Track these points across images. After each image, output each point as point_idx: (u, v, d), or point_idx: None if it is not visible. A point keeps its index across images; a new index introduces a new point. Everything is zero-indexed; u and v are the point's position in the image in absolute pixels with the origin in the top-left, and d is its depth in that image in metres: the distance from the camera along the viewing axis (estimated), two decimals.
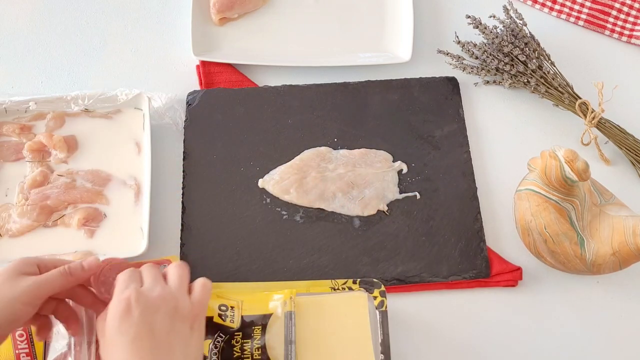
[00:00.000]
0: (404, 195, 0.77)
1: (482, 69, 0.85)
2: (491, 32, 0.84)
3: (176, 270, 0.57)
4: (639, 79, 0.87)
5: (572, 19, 0.91)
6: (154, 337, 0.52)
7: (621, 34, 0.90)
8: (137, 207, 0.76)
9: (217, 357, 0.64)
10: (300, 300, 0.64)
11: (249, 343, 0.65)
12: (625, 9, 0.91)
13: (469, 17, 0.85)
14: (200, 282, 0.58)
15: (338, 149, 0.80)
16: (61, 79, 0.87)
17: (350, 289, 0.68)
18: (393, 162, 0.79)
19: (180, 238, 0.75)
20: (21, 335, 0.69)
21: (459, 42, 0.86)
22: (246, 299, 0.68)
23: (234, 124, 0.82)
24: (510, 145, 0.82)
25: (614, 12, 0.91)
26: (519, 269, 0.74)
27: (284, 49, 0.88)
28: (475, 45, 0.85)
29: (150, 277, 0.56)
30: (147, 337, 0.51)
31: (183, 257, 0.74)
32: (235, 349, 0.65)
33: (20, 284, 0.53)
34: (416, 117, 0.82)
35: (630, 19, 0.91)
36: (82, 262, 0.57)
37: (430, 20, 0.91)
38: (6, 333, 0.53)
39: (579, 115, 0.80)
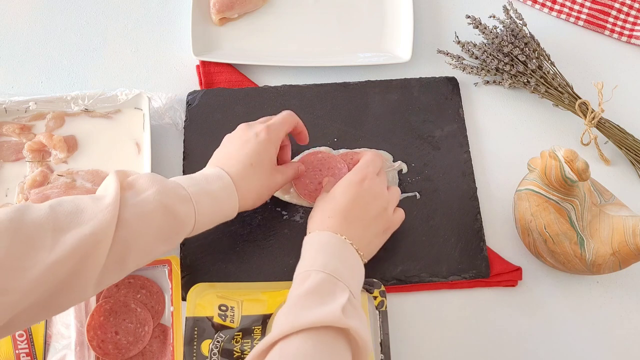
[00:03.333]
0: (404, 195, 0.77)
1: (482, 69, 0.85)
2: (491, 32, 0.84)
3: (382, 175, 0.71)
4: (639, 79, 0.87)
5: (572, 19, 0.91)
6: (363, 205, 0.65)
7: (621, 34, 0.90)
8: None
9: (217, 357, 0.64)
10: None
11: (249, 343, 0.65)
12: (625, 9, 0.91)
13: (469, 17, 0.85)
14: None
15: (338, 149, 0.80)
16: (61, 79, 0.87)
17: None
18: (393, 162, 0.79)
19: None
20: (21, 335, 0.69)
21: (459, 42, 0.86)
22: (246, 299, 0.68)
23: (234, 124, 0.82)
24: (510, 145, 0.82)
25: (614, 12, 0.91)
26: (518, 269, 0.74)
27: (284, 49, 0.88)
28: (475, 45, 0.85)
29: (382, 175, 0.70)
30: (357, 201, 0.65)
31: (183, 257, 0.74)
32: (235, 349, 0.65)
33: (274, 180, 0.69)
34: (416, 117, 0.83)
35: (630, 19, 0.91)
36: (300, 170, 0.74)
37: (430, 20, 0.91)
38: (247, 209, 0.68)
39: (579, 115, 0.80)
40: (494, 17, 0.86)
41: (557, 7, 0.92)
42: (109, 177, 0.59)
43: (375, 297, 0.69)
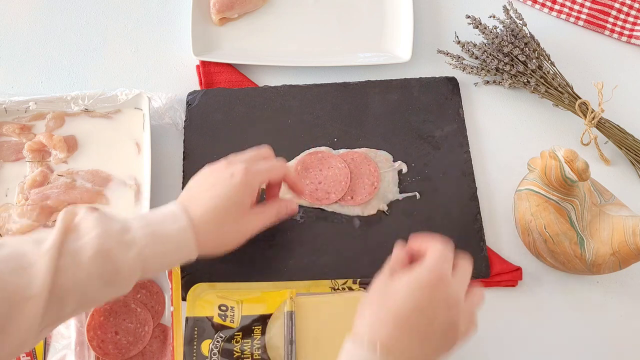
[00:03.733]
0: (404, 195, 0.77)
1: (482, 69, 0.85)
2: (491, 32, 0.84)
3: (467, 268, 0.58)
4: (639, 79, 0.87)
5: (572, 19, 0.91)
6: (428, 327, 0.52)
7: (621, 34, 0.90)
8: (137, 207, 0.76)
9: (217, 357, 0.64)
10: (300, 300, 0.64)
11: (249, 343, 0.65)
12: (625, 9, 0.91)
13: (469, 17, 0.85)
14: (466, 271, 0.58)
15: (338, 149, 0.80)
16: (61, 79, 0.87)
17: (350, 289, 0.68)
18: (393, 162, 0.79)
19: None
20: None
21: (459, 42, 0.86)
22: (246, 299, 0.68)
23: (234, 124, 0.82)
24: (510, 145, 0.82)
25: (614, 12, 0.91)
26: (519, 269, 0.74)
27: (284, 49, 0.88)
28: (475, 45, 0.85)
29: (460, 273, 0.57)
30: (424, 320, 0.52)
31: None
32: (235, 349, 0.65)
33: (247, 225, 0.63)
34: (416, 117, 0.82)
35: (630, 19, 0.91)
36: (288, 209, 0.68)
37: (430, 20, 0.91)
38: (218, 255, 0.63)
39: (579, 115, 0.80)
40: (494, 17, 0.86)
41: (557, 7, 0.92)
42: (58, 216, 0.57)
43: None
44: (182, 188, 0.78)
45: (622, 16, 0.91)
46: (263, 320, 0.66)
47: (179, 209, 0.60)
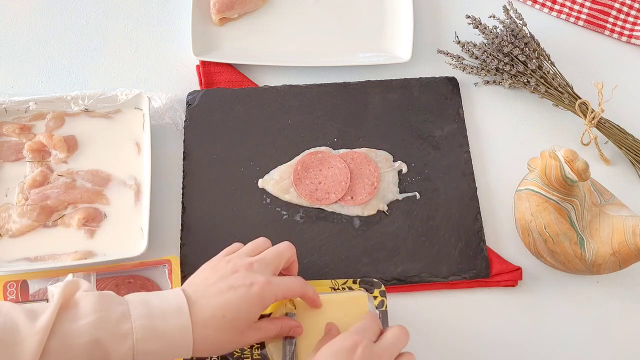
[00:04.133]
0: (404, 195, 0.77)
1: (482, 69, 0.85)
2: (491, 32, 0.84)
3: (398, 335, 0.58)
4: (639, 79, 0.87)
5: (572, 19, 0.91)
6: None
7: (621, 34, 0.90)
8: (137, 207, 0.76)
9: (217, 357, 0.64)
10: (300, 300, 0.64)
11: None
12: (625, 9, 0.91)
13: (469, 17, 0.85)
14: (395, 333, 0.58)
15: (338, 149, 0.80)
16: (61, 79, 0.87)
17: (350, 289, 0.68)
18: (393, 162, 0.79)
19: (180, 238, 0.75)
20: None
21: (459, 42, 0.86)
22: None
23: (234, 124, 0.82)
24: (510, 145, 0.82)
25: (614, 12, 0.91)
26: (519, 269, 0.74)
27: (284, 49, 0.88)
28: (475, 45, 0.85)
29: (385, 343, 0.57)
30: None
31: (183, 257, 0.74)
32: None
33: (248, 338, 0.58)
34: (416, 117, 0.82)
35: (630, 19, 0.91)
36: (293, 332, 0.61)
37: (430, 20, 0.91)
38: (243, 328, 0.58)
39: (579, 115, 0.80)
40: (494, 17, 0.86)
41: (557, 7, 0.92)
42: (59, 287, 0.55)
43: (375, 297, 0.69)
44: (182, 188, 0.78)
45: (622, 16, 0.91)
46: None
47: (184, 304, 0.56)
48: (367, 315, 0.60)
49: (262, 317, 0.60)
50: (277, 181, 0.77)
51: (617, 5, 0.91)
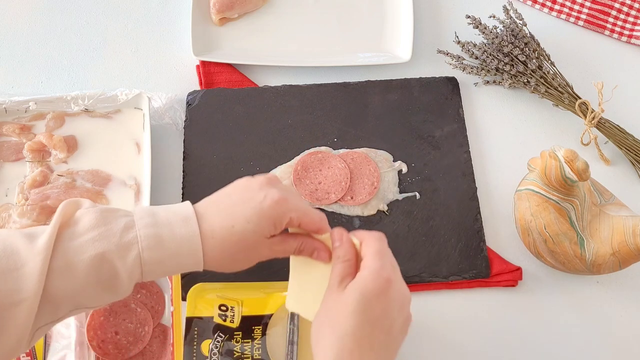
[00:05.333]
0: (404, 195, 0.77)
1: (482, 69, 0.85)
2: (491, 32, 0.84)
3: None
4: (639, 79, 0.87)
5: (572, 19, 0.91)
6: (388, 334, 0.50)
7: (621, 34, 0.90)
8: (137, 207, 0.76)
9: (217, 357, 0.64)
10: None
11: (249, 343, 0.65)
12: (625, 9, 0.91)
13: (469, 17, 0.85)
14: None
15: (338, 149, 0.80)
16: (61, 79, 0.87)
17: None
18: (393, 162, 0.79)
19: None
20: None
21: (459, 42, 0.86)
22: (246, 299, 0.68)
23: (234, 124, 0.82)
24: (510, 145, 0.82)
25: (614, 12, 0.91)
26: (519, 269, 0.74)
27: (284, 49, 0.88)
28: (475, 45, 0.85)
29: (396, 264, 0.53)
30: (379, 326, 0.49)
31: None
32: (235, 349, 0.65)
33: (260, 253, 0.54)
34: (416, 117, 0.83)
35: (630, 19, 0.91)
36: (318, 255, 0.56)
37: (430, 20, 0.91)
38: (254, 242, 0.54)
39: (579, 115, 0.80)
40: (494, 17, 0.86)
41: (557, 7, 0.92)
42: (59, 206, 0.52)
43: None
44: (182, 188, 0.78)
45: (622, 16, 0.91)
46: (263, 320, 0.66)
47: (192, 212, 0.54)
48: (374, 238, 0.53)
49: (266, 318, 0.60)
50: None
51: (617, 5, 0.91)
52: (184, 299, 0.71)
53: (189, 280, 0.72)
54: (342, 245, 0.54)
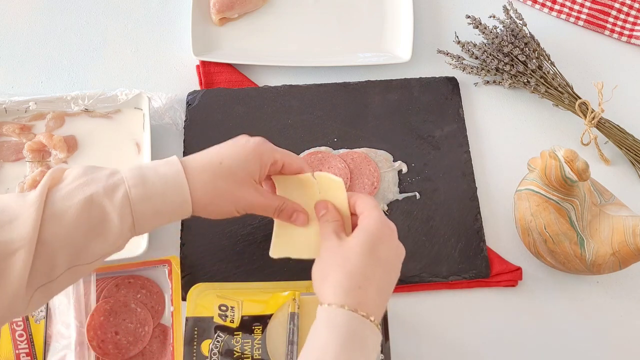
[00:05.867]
0: (404, 195, 0.77)
1: (482, 69, 0.85)
2: (491, 32, 0.84)
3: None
4: (639, 79, 0.87)
5: (572, 19, 0.91)
6: (387, 269, 0.55)
7: (621, 34, 0.90)
8: None
9: (217, 357, 0.64)
10: (301, 300, 0.64)
11: (249, 343, 0.65)
12: (625, 9, 0.91)
13: (469, 17, 0.85)
14: None
15: (338, 149, 0.80)
16: (61, 79, 0.87)
17: None
18: (393, 162, 0.79)
19: (180, 238, 0.76)
20: (21, 335, 0.69)
21: (459, 42, 0.86)
22: (246, 299, 0.68)
23: (234, 124, 0.82)
24: (510, 145, 0.82)
25: (614, 12, 0.91)
26: (519, 269, 0.74)
27: (284, 49, 0.88)
28: (475, 45, 0.85)
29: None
30: (380, 265, 0.54)
31: (183, 257, 0.74)
32: (235, 349, 0.65)
33: (245, 196, 0.58)
34: (416, 117, 0.83)
35: (630, 19, 0.91)
36: (296, 219, 0.61)
37: (430, 20, 0.91)
38: (209, 217, 0.59)
39: (579, 115, 0.80)
40: (494, 17, 0.86)
41: (557, 7, 0.92)
42: (47, 173, 0.55)
43: None
44: None
45: (622, 16, 0.91)
46: (263, 320, 0.66)
47: (174, 157, 0.57)
48: (368, 199, 0.59)
49: (266, 318, 0.60)
50: None
51: (617, 5, 0.91)
52: (184, 299, 0.71)
53: (189, 280, 0.72)
54: (329, 211, 0.59)
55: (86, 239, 0.52)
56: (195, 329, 0.67)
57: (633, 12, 0.91)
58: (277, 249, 0.62)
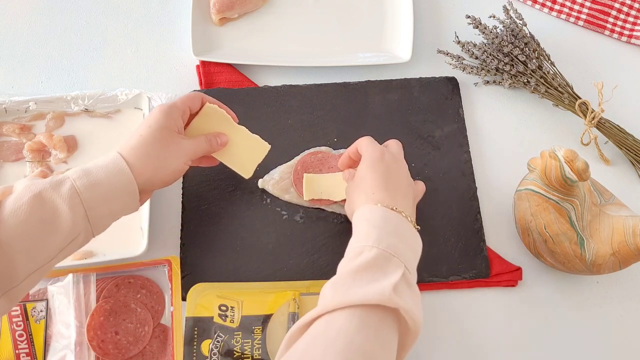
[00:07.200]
0: None
1: (482, 69, 0.85)
2: (491, 32, 0.84)
3: (397, 144, 0.71)
4: (639, 79, 0.87)
5: (572, 19, 0.91)
6: (395, 176, 0.65)
7: (621, 34, 0.90)
8: None
9: (217, 357, 0.64)
10: (301, 300, 0.64)
11: (249, 343, 0.65)
12: (625, 9, 0.91)
13: (469, 17, 0.85)
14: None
15: (338, 149, 0.80)
16: (61, 79, 0.87)
17: None
18: None
19: (180, 238, 0.75)
20: (21, 335, 0.69)
21: (459, 42, 0.86)
22: (246, 299, 0.68)
23: None
24: (510, 145, 0.82)
25: (614, 12, 0.91)
26: (519, 269, 0.74)
27: (284, 49, 0.88)
28: (475, 45, 0.85)
29: (387, 145, 0.71)
30: (389, 173, 0.65)
31: (183, 257, 0.74)
32: (235, 349, 0.65)
33: (179, 146, 0.65)
34: (416, 117, 0.83)
35: (630, 19, 0.91)
36: (220, 141, 0.70)
37: (430, 20, 0.91)
38: (167, 183, 0.66)
39: (579, 115, 0.80)
40: (494, 17, 0.86)
41: (557, 7, 0.92)
42: None
43: None
44: (182, 188, 0.78)
45: (622, 16, 0.91)
46: (263, 320, 0.66)
47: (113, 151, 0.63)
48: (364, 138, 0.69)
49: (266, 318, 0.60)
50: (277, 181, 0.77)
51: (617, 5, 0.91)
52: (184, 299, 0.71)
53: (189, 280, 0.72)
54: (350, 172, 0.71)
55: (41, 233, 0.55)
56: (195, 329, 0.67)
57: (633, 12, 0.91)
58: (309, 194, 0.75)
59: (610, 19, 0.91)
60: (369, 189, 0.63)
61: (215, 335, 0.66)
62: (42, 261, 0.56)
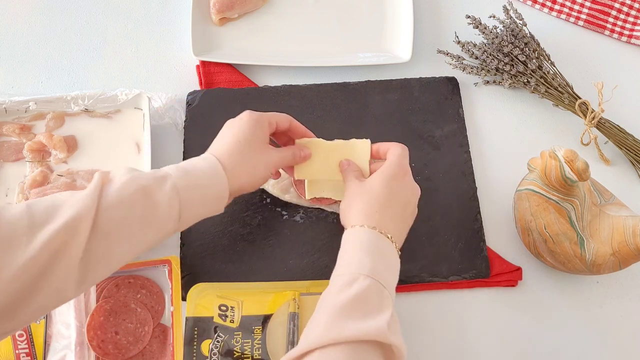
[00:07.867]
0: None
1: (482, 69, 0.85)
2: (491, 32, 0.84)
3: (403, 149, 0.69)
4: (639, 79, 0.87)
5: (572, 19, 0.92)
6: (404, 201, 0.65)
7: (621, 34, 0.90)
8: None
9: (217, 357, 0.64)
10: (301, 300, 0.64)
11: (249, 343, 0.65)
12: (625, 9, 0.91)
13: (469, 17, 0.85)
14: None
15: None
16: (61, 79, 0.87)
17: None
18: None
19: (180, 238, 0.75)
20: (21, 335, 0.69)
21: (459, 42, 0.86)
22: (246, 299, 0.68)
23: None
24: (510, 145, 0.82)
25: (614, 12, 0.91)
26: (519, 269, 0.74)
27: (284, 49, 0.88)
28: (475, 45, 0.85)
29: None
30: (399, 196, 0.64)
31: (183, 257, 0.74)
32: (235, 349, 0.65)
33: (269, 156, 0.66)
34: (416, 117, 0.83)
35: (630, 19, 0.91)
36: (303, 154, 0.70)
37: (430, 20, 0.91)
38: (250, 191, 0.67)
39: (579, 115, 0.80)
40: (494, 17, 0.86)
41: (557, 7, 0.92)
42: (94, 176, 0.58)
43: None
44: None
45: (622, 16, 0.91)
46: (263, 320, 0.66)
47: (207, 154, 0.64)
48: (400, 145, 0.68)
49: (266, 318, 0.60)
50: (277, 181, 0.77)
51: (617, 5, 0.91)
52: (184, 299, 0.71)
53: (189, 280, 0.72)
54: (350, 164, 0.69)
55: (140, 228, 0.56)
56: (195, 329, 0.67)
57: (633, 12, 0.91)
58: (311, 193, 0.73)
59: (610, 19, 0.91)
60: (372, 205, 0.63)
61: (215, 335, 0.66)
62: (132, 254, 0.57)
